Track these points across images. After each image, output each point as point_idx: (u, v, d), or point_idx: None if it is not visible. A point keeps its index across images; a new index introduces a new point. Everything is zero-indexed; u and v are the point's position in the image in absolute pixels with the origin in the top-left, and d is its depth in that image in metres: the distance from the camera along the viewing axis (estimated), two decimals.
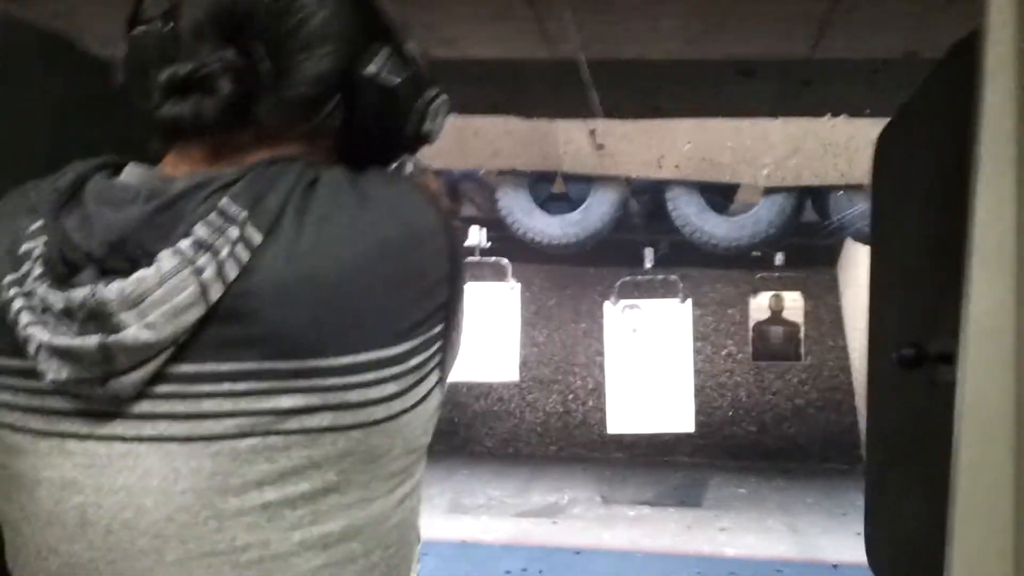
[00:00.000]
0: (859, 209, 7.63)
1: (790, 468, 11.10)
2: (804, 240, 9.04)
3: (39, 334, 0.93)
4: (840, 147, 7.00)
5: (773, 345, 10.64)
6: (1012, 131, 1.40)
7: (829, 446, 11.39)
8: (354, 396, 0.95)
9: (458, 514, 8.83)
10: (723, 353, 11.88)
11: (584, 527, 8.62)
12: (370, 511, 1.00)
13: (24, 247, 0.96)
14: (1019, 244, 1.41)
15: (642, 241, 9.36)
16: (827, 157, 7.13)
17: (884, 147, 2.00)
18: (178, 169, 1.03)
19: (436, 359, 1.06)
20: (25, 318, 0.94)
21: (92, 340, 0.91)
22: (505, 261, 8.75)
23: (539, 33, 4.09)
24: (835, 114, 5.72)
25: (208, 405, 0.93)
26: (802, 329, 10.57)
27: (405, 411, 1.01)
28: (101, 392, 0.93)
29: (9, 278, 0.96)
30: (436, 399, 1.08)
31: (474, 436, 12.13)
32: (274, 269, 0.93)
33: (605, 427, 9.10)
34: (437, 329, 1.04)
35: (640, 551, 7.84)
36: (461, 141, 6.86)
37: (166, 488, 0.94)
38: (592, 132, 5.63)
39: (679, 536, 8.44)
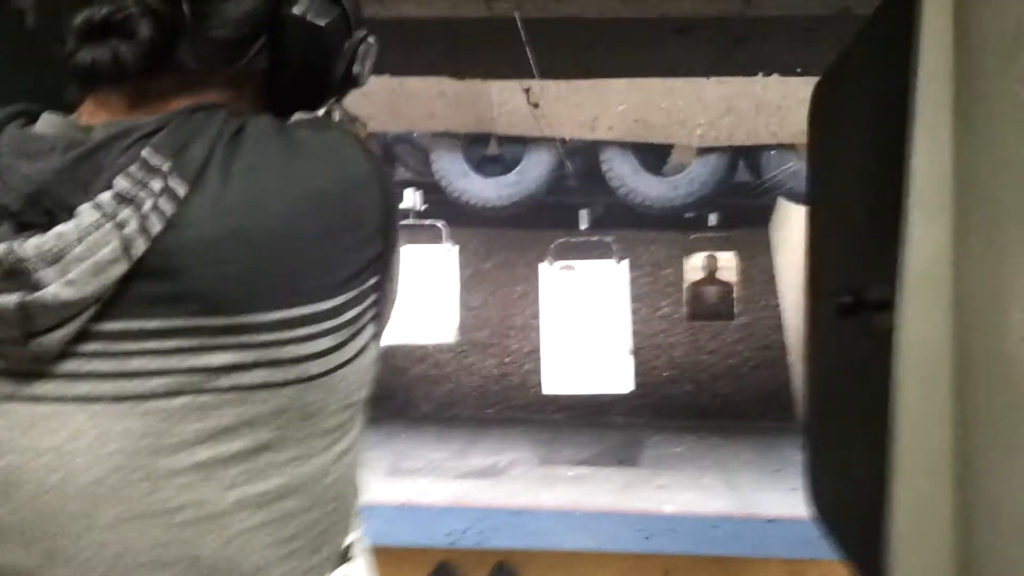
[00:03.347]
0: (791, 168, 7.72)
1: (726, 426, 11.22)
2: (737, 200, 9.11)
3: None
4: (772, 106, 7.04)
5: (708, 305, 10.71)
6: (948, 80, 1.41)
7: (764, 404, 11.54)
8: (288, 352, 0.92)
9: (398, 477, 8.81)
10: (658, 314, 11.96)
11: (524, 488, 8.65)
12: (307, 468, 0.97)
13: None
14: (956, 191, 1.42)
15: (577, 203, 9.38)
16: (759, 116, 7.18)
17: (820, 98, 2.01)
18: (96, 117, 0.99)
19: (371, 312, 1.03)
20: None
21: (11, 299, 0.87)
22: (441, 224, 8.73)
23: None
24: (768, 73, 5.73)
25: (136, 363, 0.90)
26: (736, 289, 10.66)
27: (341, 366, 0.98)
28: (23, 352, 0.89)
29: None
30: (372, 353, 1.05)
31: (412, 400, 12.11)
32: (200, 223, 0.89)
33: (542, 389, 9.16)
34: (372, 281, 1.01)
35: (579, 510, 7.89)
36: (394, 103, 6.80)
37: (96, 449, 0.90)
38: (527, 91, 5.60)
39: (618, 495, 8.50)
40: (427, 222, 8.60)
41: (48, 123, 0.98)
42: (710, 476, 9.15)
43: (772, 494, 8.29)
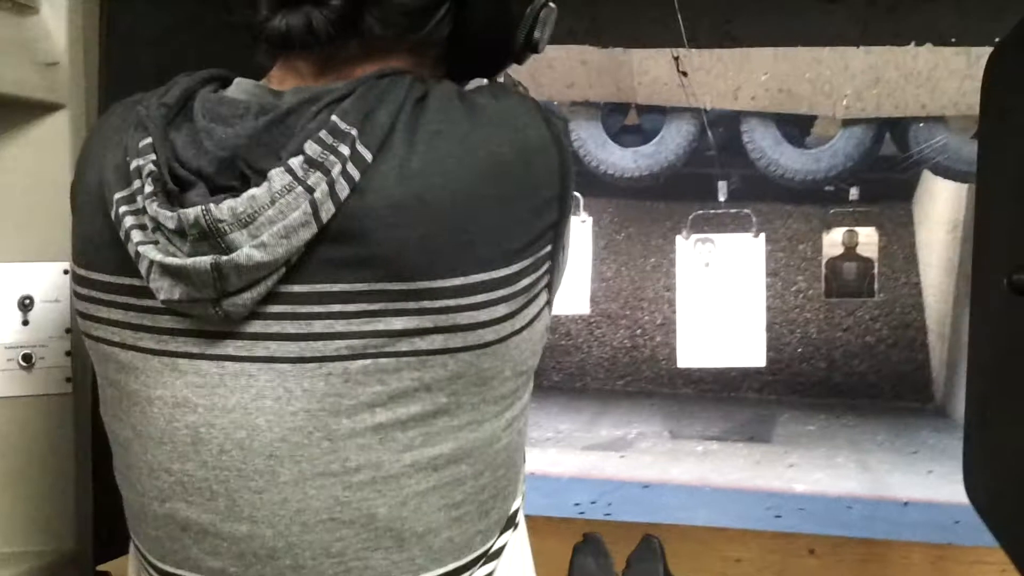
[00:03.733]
0: (940, 141, 7.50)
1: (860, 405, 11.03)
2: (880, 174, 8.91)
3: (150, 253, 0.91)
4: (922, 77, 6.85)
5: (846, 281, 10.48)
6: None
7: (900, 384, 11.30)
8: (465, 318, 0.93)
9: (528, 447, 8.90)
10: (793, 289, 11.78)
11: (652, 461, 8.66)
12: (479, 433, 0.99)
13: (135, 163, 0.94)
14: None
15: (715, 174, 9.27)
16: (908, 87, 6.99)
17: (996, 65, 1.92)
18: (285, 83, 1.01)
19: (545, 280, 1.03)
20: (137, 236, 0.93)
21: (205, 260, 0.89)
22: (576, 195, 8.72)
23: None
24: (920, 43, 5.56)
25: (319, 326, 0.92)
26: (876, 265, 10.42)
27: (515, 333, 0.99)
28: (213, 312, 0.92)
29: (120, 195, 0.95)
30: (544, 321, 1.06)
31: (543, 370, 12.18)
32: (385, 188, 0.91)
33: (673, 362, 9.08)
34: (546, 249, 1.01)
35: (708, 486, 7.86)
36: (534, 72, 6.81)
37: (279, 408, 0.94)
38: (676, 59, 5.54)
39: (747, 471, 8.45)
40: None
41: (241, 88, 1.01)
42: (842, 456, 9.03)
43: (906, 476, 8.14)
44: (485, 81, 1.10)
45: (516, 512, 1.10)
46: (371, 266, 0.91)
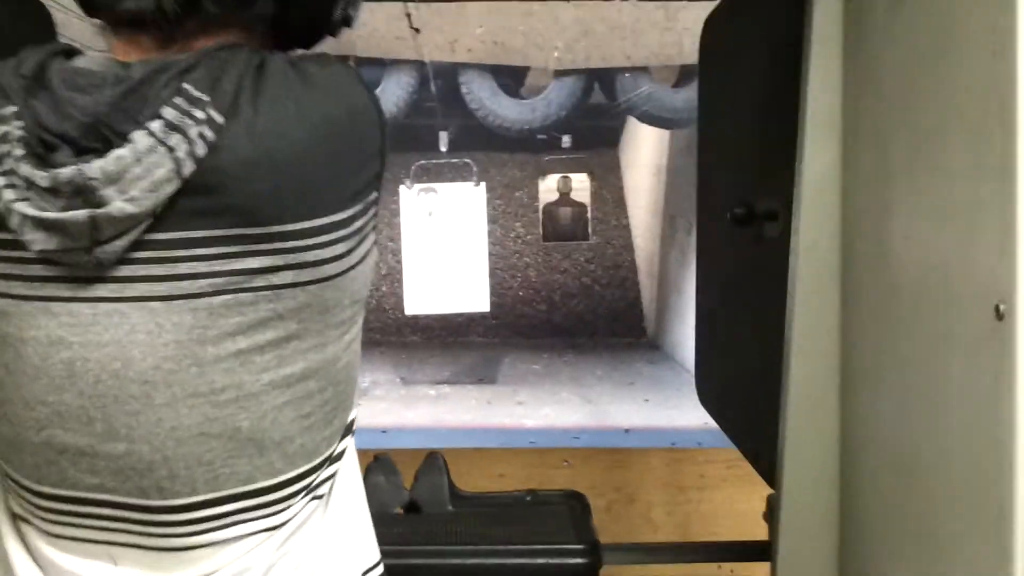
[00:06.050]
0: (645, 91, 7.96)
1: (579, 343, 11.56)
2: (590, 122, 9.34)
3: (24, 208, 1.01)
4: (627, 30, 7.23)
5: (562, 226, 10.97)
6: (838, 19, 1.63)
7: (615, 321, 11.92)
8: (311, 256, 1.08)
9: None
10: (512, 235, 12.18)
11: (387, 407, 8.81)
12: (324, 354, 1.14)
13: (2, 129, 1.03)
14: (845, 115, 1.65)
15: (436, 125, 9.47)
16: (614, 40, 7.37)
17: (711, 32, 2.20)
18: (129, 56, 1.11)
19: (372, 222, 1.19)
20: (10, 195, 1.02)
21: (81, 214, 1.00)
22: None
23: None
24: None
25: (184, 267, 1.04)
26: (589, 209, 10.94)
27: (352, 267, 1.14)
28: (86, 259, 1.02)
29: None
30: (374, 256, 1.22)
31: None
32: (237, 147, 1.03)
33: (401, 310, 9.27)
34: (373, 196, 1.17)
35: (444, 426, 8.12)
36: None
37: (151, 341, 1.05)
38: (409, 16, 5.68)
39: (480, 411, 8.76)
40: None
41: (92, 60, 1.11)
42: (567, 391, 9.47)
43: (626, 405, 8.66)
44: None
45: (352, 421, 1.26)
46: (229, 214, 1.03)
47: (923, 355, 1.41)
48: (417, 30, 6.06)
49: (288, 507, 1.15)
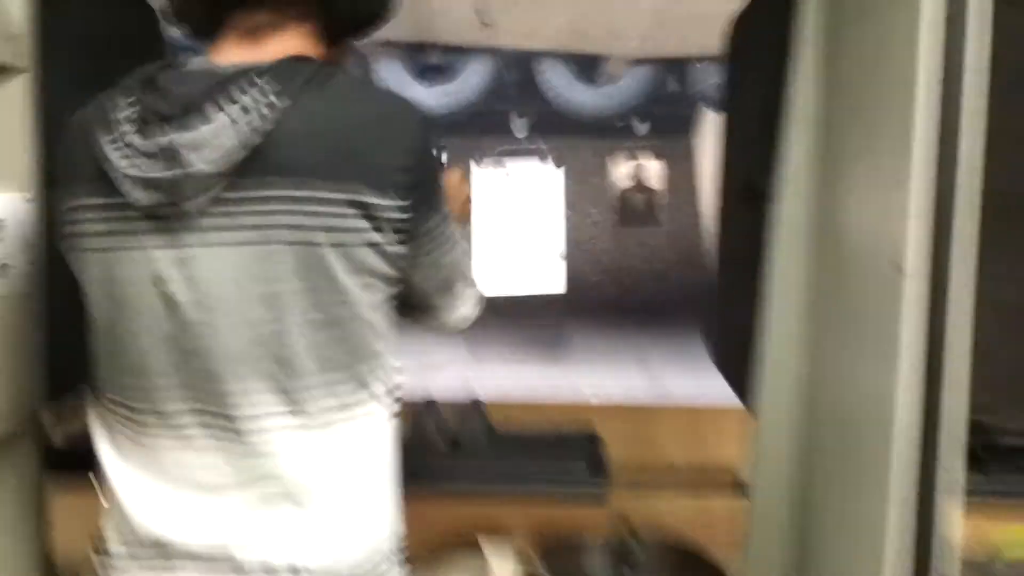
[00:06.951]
0: (716, 80, 8.05)
1: (649, 327, 11.52)
2: (665, 109, 9.41)
3: (131, 170, 1.33)
4: (702, 20, 7.30)
5: (635, 212, 11.02)
6: (821, 32, 1.92)
7: (687, 307, 11.87)
8: (346, 223, 1.34)
9: None
10: (589, 221, 12.24)
11: (455, 384, 8.98)
12: (346, 307, 1.39)
13: (119, 115, 1.36)
14: (820, 105, 1.92)
15: (514, 111, 9.60)
16: (690, 30, 7.45)
17: (735, 31, 2.47)
18: (219, 59, 1.44)
19: (414, 231, 1.44)
20: (123, 162, 1.33)
21: (172, 173, 1.31)
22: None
23: None
24: None
25: (245, 220, 1.33)
26: (662, 196, 10.98)
27: (375, 244, 1.40)
28: (176, 211, 1.33)
29: (107, 138, 1.36)
30: (421, 264, 1.50)
31: None
32: (293, 126, 1.32)
33: None
34: (408, 200, 1.40)
35: (509, 401, 8.27)
36: None
37: (217, 276, 1.34)
38: (478, 11, 5.90)
39: (545, 391, 8.91)
40: None
41: (196, 63, 1.43)
42: (634, 373, 9.61)
43: (694, 393, 8.76)
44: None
45: (370, 372, 1.50)
46: (282, 178, 1.32)
47: (855, 305, 1.70)
48: (488, 24, 6.25)
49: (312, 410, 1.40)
